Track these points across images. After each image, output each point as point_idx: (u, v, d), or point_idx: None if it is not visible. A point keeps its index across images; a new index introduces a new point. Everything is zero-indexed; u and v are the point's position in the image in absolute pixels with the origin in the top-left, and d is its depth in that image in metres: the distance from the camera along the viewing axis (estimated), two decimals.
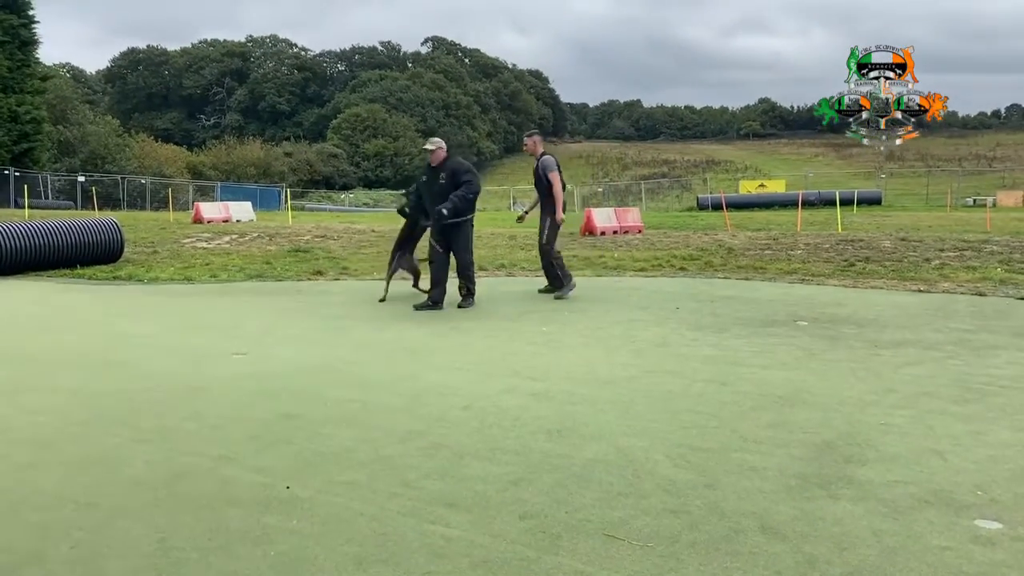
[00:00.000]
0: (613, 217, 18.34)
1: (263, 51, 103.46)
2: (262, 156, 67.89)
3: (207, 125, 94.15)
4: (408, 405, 4.93)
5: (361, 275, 11.60)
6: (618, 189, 58.38)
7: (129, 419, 4.67)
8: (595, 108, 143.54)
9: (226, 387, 5.38)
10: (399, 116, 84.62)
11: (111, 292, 10.28)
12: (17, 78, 38.74)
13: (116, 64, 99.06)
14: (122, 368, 5.97)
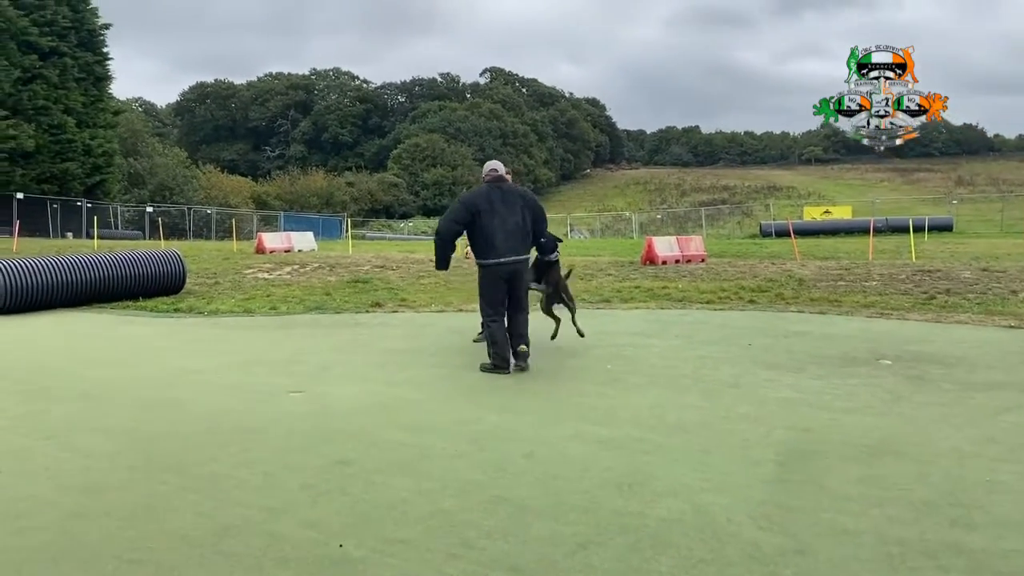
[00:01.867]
0: (675, 245, 17.91)
1: (326, 84, 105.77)
2: (325, 186, 69.13)
3: (272, 156, 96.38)
4: (467, 451, 4.68)
5: (420, 307, 11.44)
6: (677, 215, 57.69)
7: (180, 464, 4.50)
8: (652, 135, 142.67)
9: (280, 429, 5.20)
10: (458, 145, 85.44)
11: (171, 325, 10.30)
12: (91, 113, 40.16)
13: (185, 98, 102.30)
14: (177, 407, 5.85)
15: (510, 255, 6.69)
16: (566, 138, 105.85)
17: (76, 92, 38.85)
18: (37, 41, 36.14)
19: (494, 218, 6.61)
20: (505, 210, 6.68)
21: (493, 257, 6.65)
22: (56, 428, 5.29)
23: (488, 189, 6.81)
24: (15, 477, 4.31)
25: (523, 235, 6.79)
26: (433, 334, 9.24)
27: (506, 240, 6.63)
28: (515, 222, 6.70)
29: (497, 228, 6.62)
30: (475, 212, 6.64)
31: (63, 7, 37.82)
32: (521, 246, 6.78)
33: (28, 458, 4.64)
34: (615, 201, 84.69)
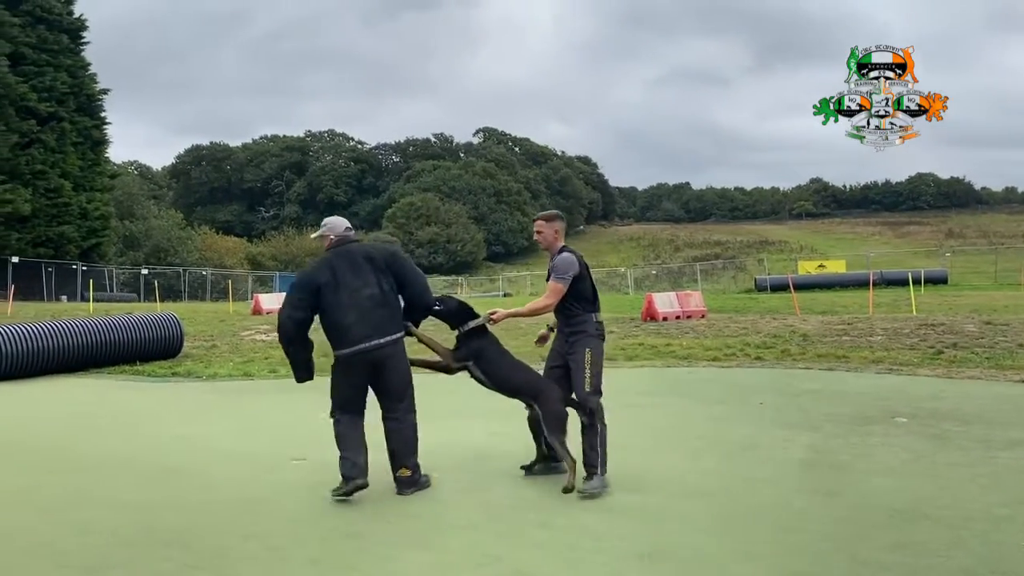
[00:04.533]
0: (675, 301, 17.87)
1: (321, 145, 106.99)
2: (320, 246, 69.20)
3: (267, 217, 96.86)
4: (481, 521, 4.51)
5: (423, 368, 11.27)
6: (672, 271, 57.86)
7: (184, 538, 4.32)
8: (644, 191, 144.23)
9: (285, 499, 5.03)
10: (452, 204, 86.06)
11: (169, 390, 10.11)
12: (88, 176, 40.35)
13: (181, 160, 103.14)
14: (178, 476, 5.67)
15: (370, 339, 4.88)
16: (559, 195, 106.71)
17: (73, 156, 39.10)
18: (36, 106, 36.50)
19: (340, 293, 4.89)
20: (354, 280, 4.94)
21: (346, 345, 4.89)
22: (54, 502, 5.10)
23: (331, 257, 5.05)
24: (12, 555, 4.12)
25: (386, 309, 4.98)
26: (439, 397, 9.05)
27: (361, 319, 4.87)
28: (370, 294, 4.92)
29: (346, 306, 4.88)
30: (315, 290, 4.93)
31: (62, 73, 38.31)
32: (386, 324, 4.95)
33: (25, 535, 4.45)
34: (609, 257, 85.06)
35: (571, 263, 5.10)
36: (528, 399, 5.24)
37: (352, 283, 4.92)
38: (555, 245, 5.27)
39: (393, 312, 5.02)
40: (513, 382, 5.24)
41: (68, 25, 39.89)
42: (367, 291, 4.92)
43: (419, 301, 5.20)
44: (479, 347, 5.21)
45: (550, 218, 5.37)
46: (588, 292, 5.19)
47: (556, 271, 5.11)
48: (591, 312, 5.19)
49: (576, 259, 5.15)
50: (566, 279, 5.06)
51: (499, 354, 5.28)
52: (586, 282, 5.18)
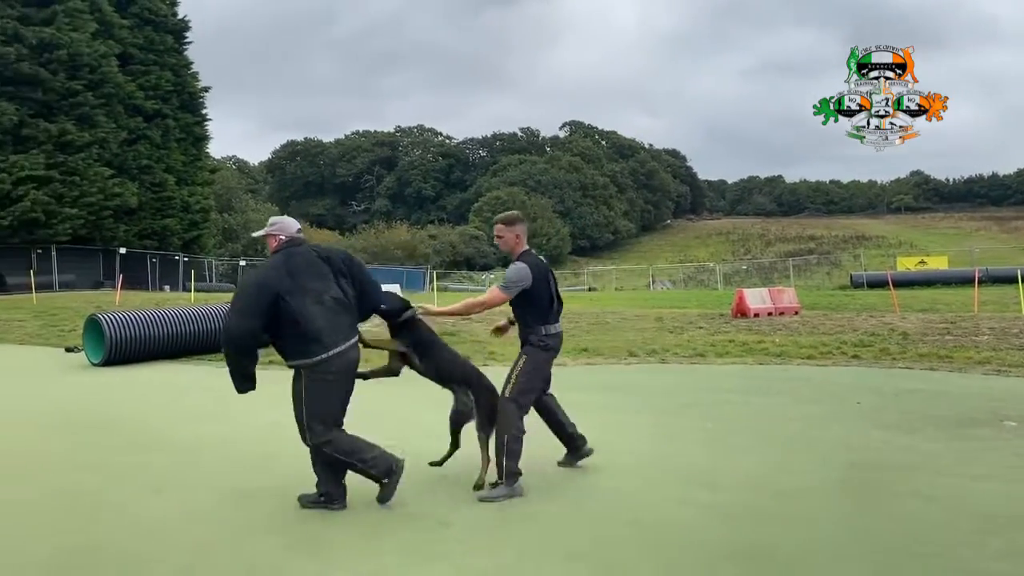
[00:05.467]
0: (767, 297, 17.43)
1: (410, 140, 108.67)
2: (408, 239, 70.47)
3: (358, 210, 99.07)
4: (568, 514, 4.50)
5: (506, 361, 11.33)
6: (762, 266, 56.52)
7: (283, 525, 4.47)
8: (734, 184, 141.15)
9: (375, 486, 5.13)
10: (537, 198, 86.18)
11: (264, 377, 10.36)
12: (190, 171, 42.08)
13: (276, 156, 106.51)
14: (274, 462, 5.86)
15: (340, 343, 4.58)
16: (646, 189, 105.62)
17: (177, 152, 40.82)
18: (142, 104, 38.25)
19: (306, 297, 4.55)
20: (316, 282, 4.65)
21: (319, 351, 4.53)
22: (160, 481, 5.35)
23: (284, 259, 4.68)
24: (121, 531, 4.34)
25: (350, 311, 4.75)
26: None
27: (331, 323, 4.58)
28: (333, 296, 4.65)
29: (315, 309, 4.56)
30: (273, 297, 4.51)
31: (167, 72, 40.02)
32: (350, 327, 4.71)
33: (135, 510, 4.67)
34: (697, 252, 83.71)
35: (522, 275, 4.88)
36: (463, 386, 5.19)
37: (316, 286, 4.61)
38: (516, 249, 5.06)
39: (354, 314, 4.79)
40: (449, 370, 5.21)
41: (172, 26, 41.63)
42: (331, 293, 4.65)
43: (373, 302, 4.96)
44: (417, 337, 5.17)
45: (510, 221, 5.13)
46: (541, 303, 4.97)
47: (505, 279, 4.99)
48: (540, 324, 4.99)
49: (530, 270, 4.90)
50: (511, 290, 4.91)
51: (433, 341, 5.23)
52: (540, 293, 4.94)
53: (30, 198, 32.17)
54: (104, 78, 35.72)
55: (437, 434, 5.48)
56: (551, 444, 5.97)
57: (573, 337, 13.57)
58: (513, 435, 4.87)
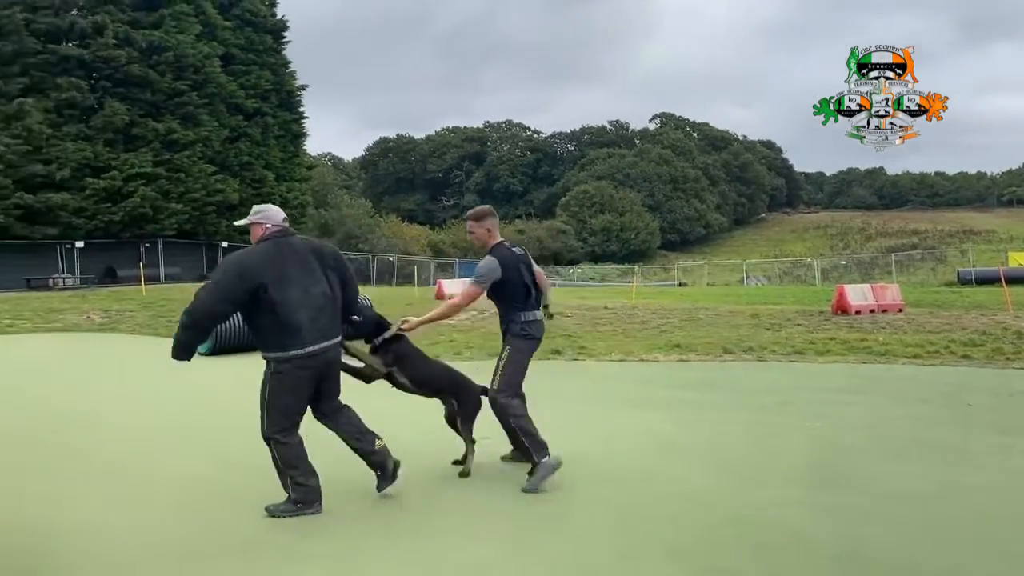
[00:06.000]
0: (869, 294, 16.77)
1: (499, 135, 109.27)
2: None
3: (447, 205, 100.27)
4: (666, 510, 4.45)
5: (600, 355, 11.29)
6: (862, 262, 54.52)
7: (393, 504, 4.60)
8: (832, 176, 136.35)
9: (479, 476, 5.20)
10: (626, 191, 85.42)
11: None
12: (288, 168, 43.37)
13: (370, 152, 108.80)
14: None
15: (322, 340, 4.45)
16: (739, 182, 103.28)
17: (275, 149, 42.13)
18: (243, 103, 39.61)
19: (289, 289, 4.37)
20: (303, 274, 4.46)
21: (296, 346, 4.35)
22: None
23: (273, 247, 4.50)
24: (244, 518, 4.51)
25: (336, 308, 4.61)
26: (618, 385, 9.05)
27: (314, 320, 4.42)
28: (321, 291, 4.50)
29: (298, 302, 4.38)
30: (258, 285, 4.31)
31: (266, 71, 41.29)
32: (334, 324, 4.57)
33: (249, 496, 4.85)
34: (793, 247, 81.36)
35: (491, 268, 4.93)
36: (450, 396, 5.28)
37: (302, 279, 4.44)
38: (489, 243, 5.12)
39: (339, 313, 4.65)
40: (435, 383, 5.27)
41: (272, 26, 42.92)
42: (318, 288, 4.48)
43: (349, 307, 4.81)
44: (400, 352, 5.16)
45: (480, 216, 5.17)
46: (517, 292, 5.01)
47: (475, 274, 5.05)
48: (519, 311, 5.04)
49: (499, 262, 4.94)
50: (481, 284, 4.98)
51: (418, 357, 5.26)
52: (514, 282, 4.98)
53: (139, 194, 33.79)
54: (207, 78, 37.16)
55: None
56: (642, 440, 5.92)
57: (664, 333, 13.40)
58: (516, 415, 5.01)
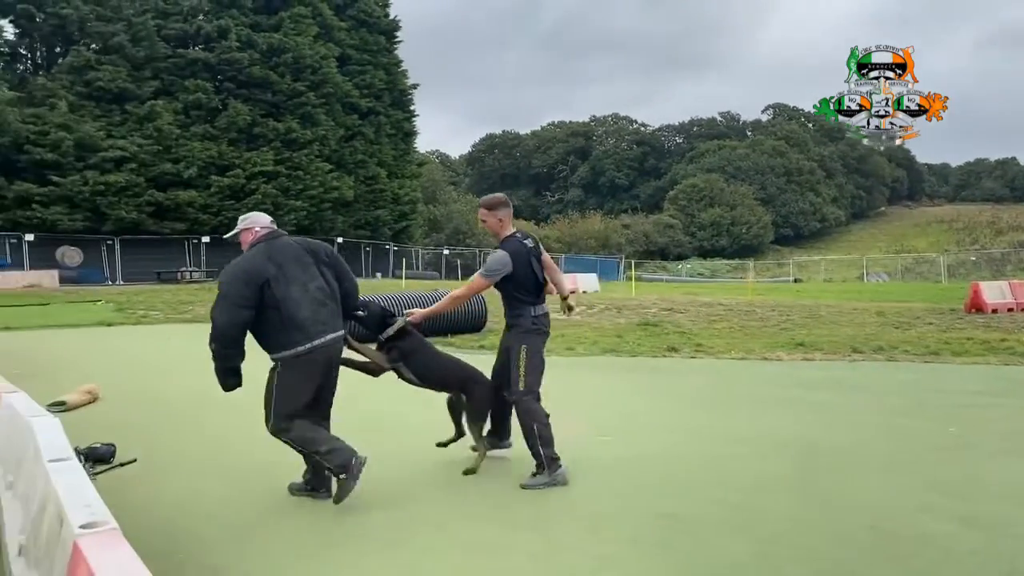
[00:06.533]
0: (1007, 291, 15.76)
1: (604, 129, 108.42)
2: (602, 228, 70.45)
3: (552, 201, 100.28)
4: (802, 514, 4.28)
5: (719, 353, 11.03)
6: (992, 258, 51.40)
7: (510, 503, 4.58)
8: (958, 168, 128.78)
9: (599, 476, 5.13)
10: (737, 184, 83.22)
11: (479, 363, 10.75)
12: (399, 165, 44.46)
13: (476, 148, 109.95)
14: None
15: (325, 334, 4.46)
16: (857, 174, 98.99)
17: (388, 147, 43.24)
18: (358, 102, 40.83)
19: (290, 286, 4.43)
20: (300, 272, 4.52)
21: (302, 341, 4.39)
22: (395, 460, 5.63)
23: (267, 248, 4.55)
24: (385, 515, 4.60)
25: (335, 304, 4.64)
26: (738, 383, 8.81)
27: (316, 313, 4.46)
28: (318, 286, 4.54)
29: (299, 298, 4.43)
30: (262, 285, 4.38)
31: (380, 71, 42.40)
32: (335, 319, 4.60)
33: (378, 486, 4.94)
34: (915, 241, 77.39)
35: (502, 262, 4.80)
36: (456, 391, 5.16)
37: (300, 276, 4.50)
38: (500, 234, 4.99)
39: (338, 307, 4.67)
40: (442, 376, 5.14)
41: (385, 27, 44.01)
42: (316, 283, 4.55)
43: (349, 301, 4.84)
44: (407, 347, 5.03)
45: (493, 205, 5.00)
46: (527, 286, 4.88)
47: (484, 266, 4.93)
48: (529, 305, 4.90)
49: (510, 256, 4.81)
50: (491, 277, 4.86)
51: (426, 351, 5.12)
52: (524, 276, 4.85)
53: (261, 191, 35.33)
54: (324, 79, 38.42)
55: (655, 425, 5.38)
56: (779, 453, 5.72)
57: (785, 331, 12.98)
58: (541, 423, 4.84)
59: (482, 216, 5.05)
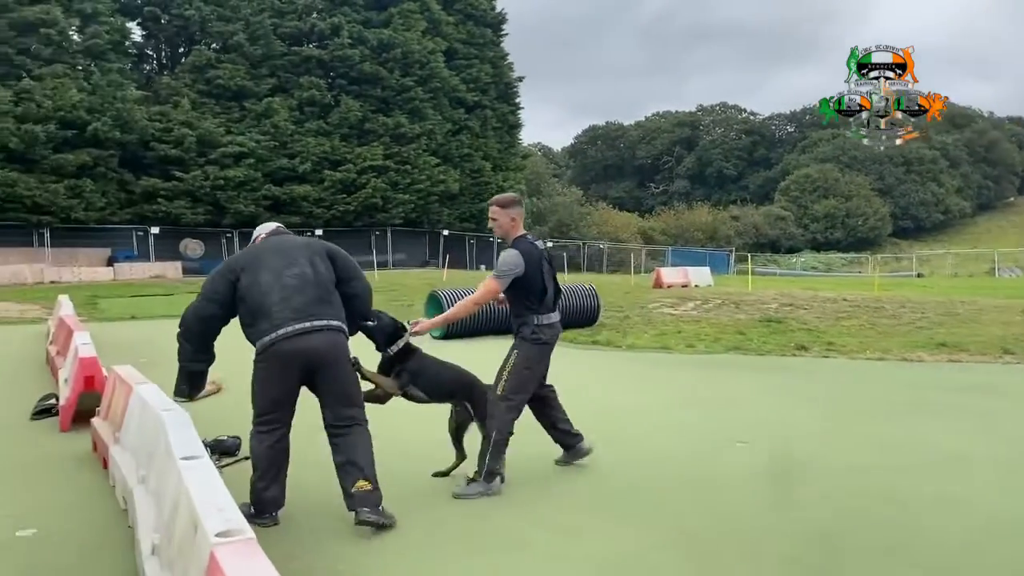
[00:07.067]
0: None
1: (712, 119, 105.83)
2: (709, 220, 68.77)
3: (656, 192, 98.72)
4: (973, 537, 3.80)
5: (852, 352, 10.35)
6: None
7: (647, 512, 4.27)
8: None
9: (739, 483, 4.77)
10: (852, 175, 79.75)
11: (595, 358, 10.48)
12: (504, 158, 44.48)
13: (578, 140, 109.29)
14: (625, 446, 5.73)
15: (298, 321, 3.93)
16: (984, 163, 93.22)
17: (493, 140, 43.30)
18: (464, 96, 41.01)
19: (260, 273, 4.06)
20: (278, 260, 4.11)
21: (268, 331, 3.93)
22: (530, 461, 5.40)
23: (257, 244, 4.37)
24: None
25: (320, 289, 4.08)
26: (877, 386, 8.18)
27: (288, 300, 3.96)
28: (296, 273, 4.06)
29: (269, 284, 4.01)
30: (236, 277, 4.07)
31: (486, 65, 42.46)
32: (320, 306, 4.02)
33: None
34: None
35: (514, 262, 4.55)
36: (463, 400, 4.82)
37: (275, 263, 4.07)
38: (511, 234, 4.72)
39: (326, 295, 4.09)
40: (450, 389, 4.82)
41: (491, 20, 44.01)
42: (294, 270, 4.05)
43: (357, 305, 4.33)
44: (415, 367, 4.68)
45: (507, 203, 4.74)
46: (533, 290, 4.63)
47: (497, 267, 4.63)
48: (533, 313, 4.65)
49: (522, 257, 4.56)
50: (503, 278, 4.57)
51: (430, 366, 4.77)
52: (533, 280, 4.60)
53: (371, 186, 35.95)
54: (432, 73, 38.74)
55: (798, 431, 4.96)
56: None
57: (923, 330, 12.11)
58: (501, 435, 4.55)
59: (494, 214, 4.77)
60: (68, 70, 29.98)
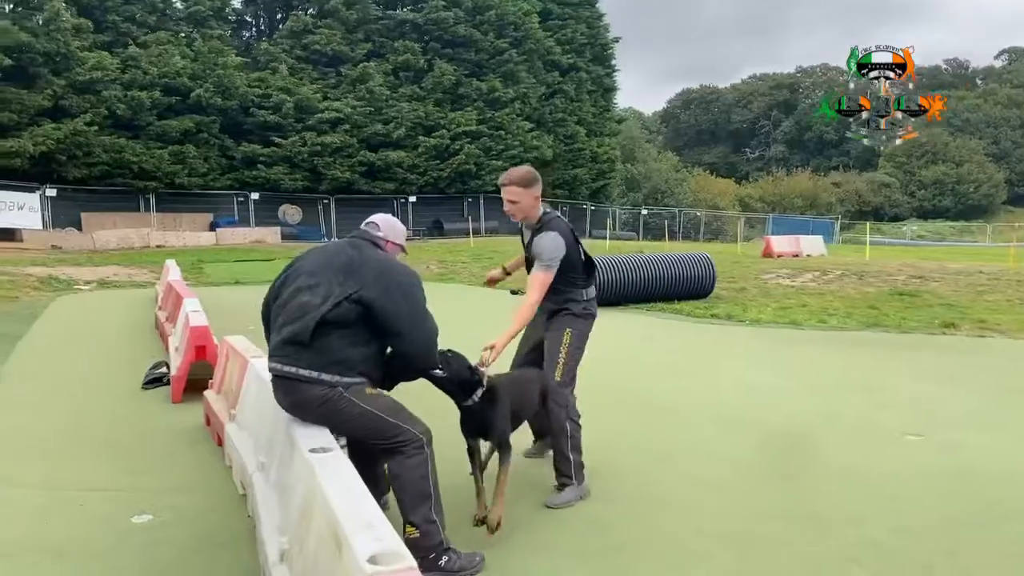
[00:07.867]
0: None
1: (812, 81, 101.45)
2: (810, 187, 66.03)
3: (751, 158, 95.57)
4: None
5: (1014, 333, 9.31)
6: None
7: (793, 508, 3.73)
8: None
9: (916, 483, 4.14)
10: (965, 139, 75.21)
11: (717, 332, 9.74)
12: (599, 122, 43.40)
13: (671, 104, 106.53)
14: (758, 429, 5.16)
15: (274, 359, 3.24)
16: None
17: (587, 104, 42.25)
18: (559, 59, 40.04)
19: (283, 288, 3.36)
20: (305, 277, 3.28)
21: None
22: (658, 449, 4.85)
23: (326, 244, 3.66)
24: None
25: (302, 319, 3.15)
26: None
27: (278, 330, 3.27)
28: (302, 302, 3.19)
29: (273, 314, 3.36)
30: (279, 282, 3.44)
31: (581, 25, 41.34)
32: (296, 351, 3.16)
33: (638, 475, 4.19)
34: None
35: (558, 246, 3.99)
36: None
37: (300, 281, 3.26)
38: (533, 214, 4.13)
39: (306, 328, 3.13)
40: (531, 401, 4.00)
41: None
42: (301, 299, 3.19)
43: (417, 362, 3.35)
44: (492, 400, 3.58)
45: (529, 182, 4.07)
46: (576, 266, 4.16)
47: (541, 258, 3.99)
48: (581, 288, 4.21)
49: (561, 236, 4.02)
50: (553, 266, 3.98)
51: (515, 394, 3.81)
52: (573, 257, 4.11)
53: (465, 151, 35.56)
54: (526, 35, 37.90)
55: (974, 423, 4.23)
56: None
57: None
58: (575, 424, 4.11)
59: (513, 196, 4.06)
60: (171, 37, 30.49)
